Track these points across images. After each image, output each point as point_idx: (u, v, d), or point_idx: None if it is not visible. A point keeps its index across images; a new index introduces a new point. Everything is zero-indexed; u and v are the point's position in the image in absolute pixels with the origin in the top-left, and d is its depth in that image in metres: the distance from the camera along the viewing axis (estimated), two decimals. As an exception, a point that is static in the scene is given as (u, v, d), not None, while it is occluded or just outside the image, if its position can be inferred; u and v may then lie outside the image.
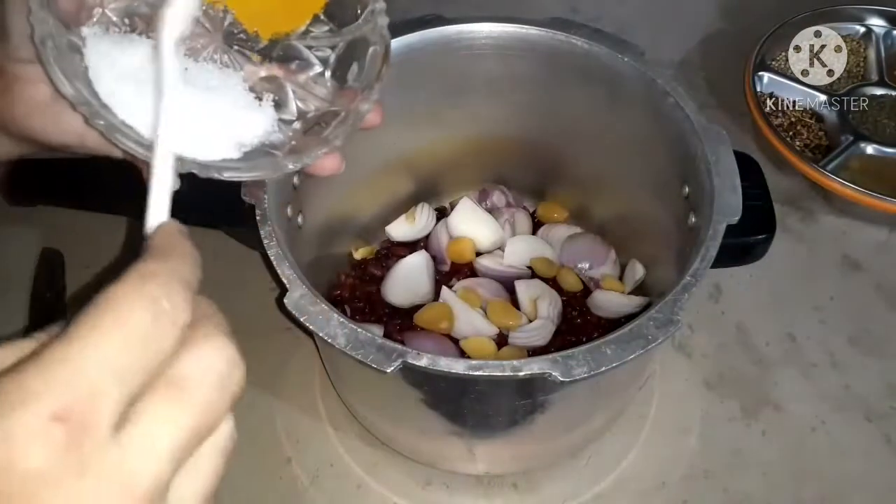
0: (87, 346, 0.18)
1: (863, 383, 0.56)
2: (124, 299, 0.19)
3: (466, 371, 0.36)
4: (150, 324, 0.19)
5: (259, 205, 0.42)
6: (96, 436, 0.18)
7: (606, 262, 0.57)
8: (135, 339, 0.19)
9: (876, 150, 0.66)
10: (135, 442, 0.18)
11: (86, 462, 0.17)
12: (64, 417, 0.17)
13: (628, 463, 0.52)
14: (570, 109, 0.54)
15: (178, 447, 0.19)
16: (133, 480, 0.18)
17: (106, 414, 0.18)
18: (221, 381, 0.20)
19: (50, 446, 0.17)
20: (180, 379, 0.20)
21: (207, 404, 0.20)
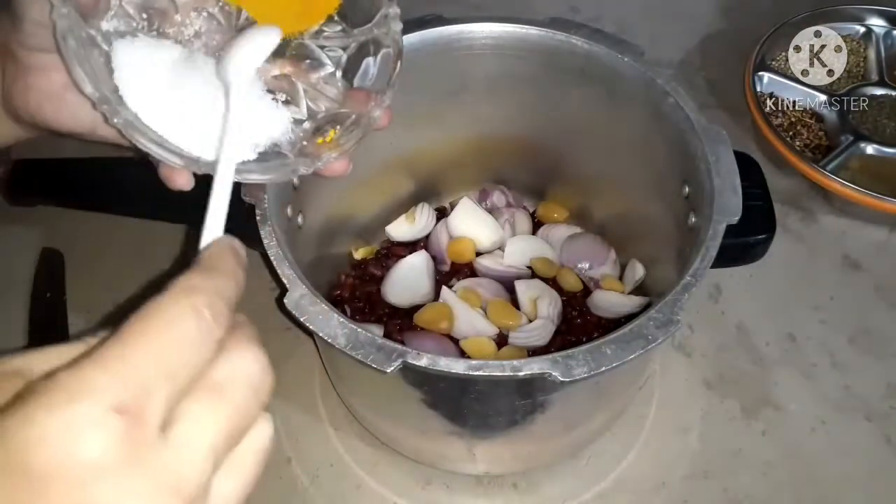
0: (140, 346, 0.19)
1: (863, 383, 0.56)
2: (174, 308, 0.21)
3: (466, 371, 0.36)
4: (195, 331, 0.20)
5: (259, 205, 0.42)
6: (148, 432, 0.19)
7: (606, 262, 0.57)
8: (181, 344, 0.20)
9: (876, 150, 0.66)
10: (179, 441, 0.19)
11: (139, 456, 0.18)
12: (123, 410, 0.18)
13: (628, 463, 0.52)
14: (570, 109, 0.54)
15: (217, 446, 0.20)
16: (179, 477, 0.19)
17: (156, 411, 0.19)
18: (254, 386, 0.22)
19: (110, 436, 0.18)
20: (218, 384, 0.21)
21: (242, 407, 0.21)
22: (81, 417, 0.18)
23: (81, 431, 0.17)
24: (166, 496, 0.19)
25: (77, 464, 0.17)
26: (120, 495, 0.18)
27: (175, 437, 0.19)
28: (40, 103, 0.36)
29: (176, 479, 0.19)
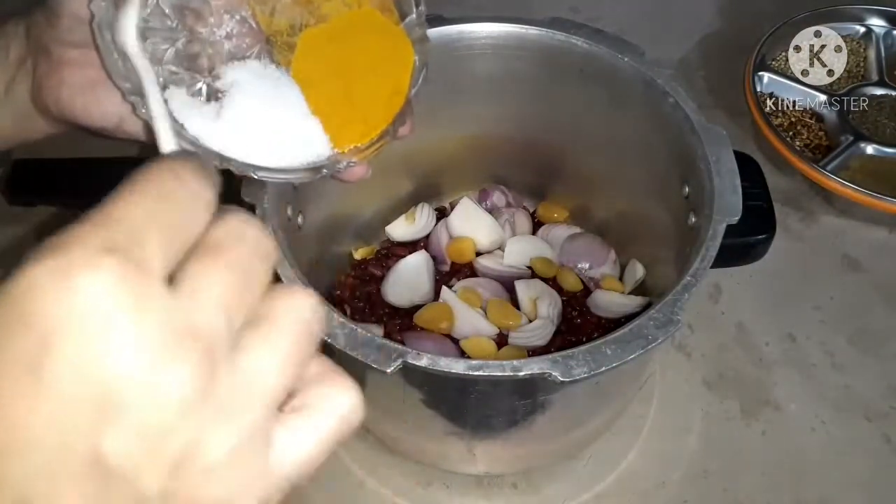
0: (123, 202, 0.19)
1: (863, 383, 0.56)
2: (150, 170, 0.20)
3: (466, 371, 0.36)
4: (179, 189, 0.19)
5: (259, 205, 0.42)
6: (148, 277, 0.18)
7: (606, 262, 0.57)
8: (165, 198, 0.19)
9: (876, 150, 0.66)
10: (185, 293, 0.18)
11: (141, 298, 0.17)
12: (113, 249, 0.17)
13: (628, 463, 0.52)
14: (570, 109, 0.54)
15: (227, 301, 0.19)
16: (192, 322, 0.18)
17: (151, 256, 0.18)
18: (254, 245, 0.20)
19: (104, 277, 0.17)
20: (216, 241, 0.20)
21: (244, 263, 0.20)
22: (71, 261, 0.17)
23: (71, 273, 0.17)
24: (175, 341, 0.17)
25: (74, 307, 0.16)
26: (125, 337, 0.17)
27: (180, 291, 0.18)
28: (72, 98, 0.37)
29: (185, 326, 0.18)
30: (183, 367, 0.17)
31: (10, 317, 0.16)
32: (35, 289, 0.17)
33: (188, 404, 0.17)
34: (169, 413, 0.17)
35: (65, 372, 0.16)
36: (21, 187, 0.63)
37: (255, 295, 0.20)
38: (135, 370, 0.17)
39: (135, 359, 0.17)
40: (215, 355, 0.18)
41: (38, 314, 0.16)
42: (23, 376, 0.16)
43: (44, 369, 0.16)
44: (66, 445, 0.16)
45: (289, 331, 0.20)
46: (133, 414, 0.17)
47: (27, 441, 0.16)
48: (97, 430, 0.17)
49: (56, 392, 0.16)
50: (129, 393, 0.17)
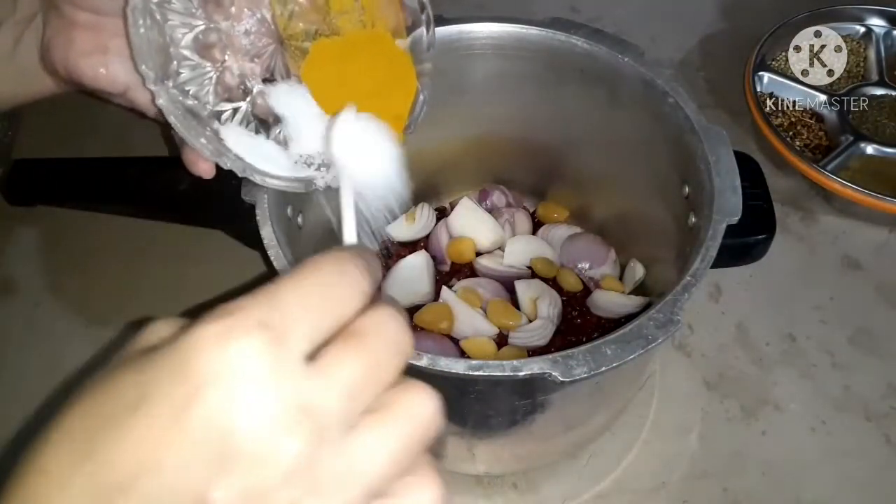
0: (286, 285, 0.22)
1: (863, 383, 0.56)
2: (321, 260, 0.23)
3: (466, 371, 0.36)
4: (337, 277, 0.23)
5: (259, 205, 0.42)
6: (290, 353, 0.20)
7: (606, 262, 0.57)
8: (323, 287, 0.22)
9: (876, 150, 0.66)
10: (319, 371, 0.21)
11: (279, 370, 0.20)
12: (267, 326, 0.20)
13: (628, 463, 0.52)
14: (570, 109, 0.54)
15: (354, 386, 0.21)
16: (313, 401, 0.20)
17: (298, 335, 0.21)
18: (393, 337, 0.23)
19: (254, 345, 0.20)
20: (359, 331, 0.22)
21: (382, 355, 0.22)
22: (232, 328, 0.20)
23: (231, 337, 0.20)
24: (292, 414, 0.20)
25: (227, 367, 0.19)
26: (258, 400, 0.20)
27: (316, 368, 0.21)
28: (81, 60, 0.38)
29: (305, 404, 0.20)
30: (294, 439, 0.20)
31: (175, 364, 0.20)
32: (199, 346, 0.20)
33: (291, 473, 0.20)
34: (272, 477, 0.19)
35: (203, 419, 0.19)
36: (21, 187, 0.63)
37: (382, 384, 0.22)
38: (254, 431, 0.19)
39: (257, 421, 0.19)
40: (326, 434, 0.20)
41: (195, 367, 0.19)
42: (172, 414, 0.19)
43: (189, 412, 0.19)
44: (186, 482, 0.19)
45: (404, 424, 0.22)
46: (243, 469, 0.19)
47: (160, 468, 0.19)
48: (212, 476, 0.19)
49: (191, 433, 0.19)
50: (245, 450, 0.19)
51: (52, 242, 0.64)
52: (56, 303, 0.60)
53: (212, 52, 0.37)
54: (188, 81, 0.37)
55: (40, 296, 0.61)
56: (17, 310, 0.60)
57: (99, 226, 0.63)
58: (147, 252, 0.63)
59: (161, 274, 0.61)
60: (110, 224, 0.63)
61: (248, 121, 0.39)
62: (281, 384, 0.20)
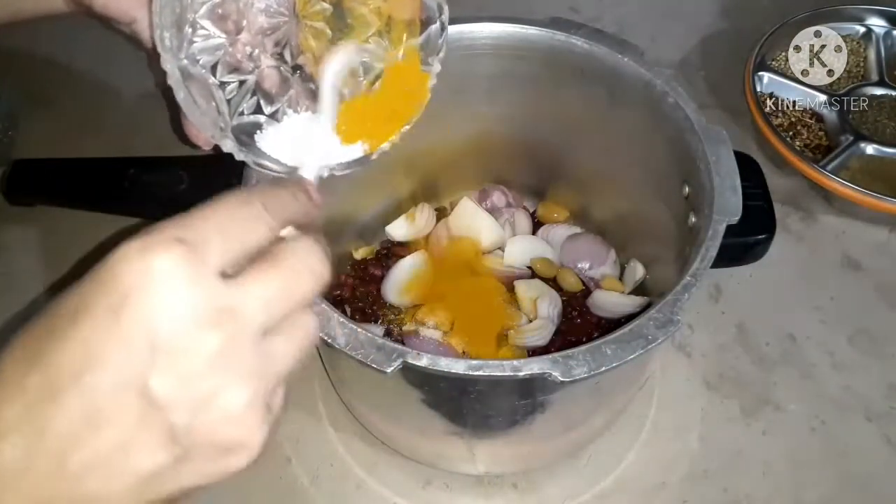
0: (197, 216, 0.24)
1: (863, 383, 0.56)
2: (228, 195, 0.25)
3: (466, 371, 0.36)
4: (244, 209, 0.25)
5: (259, 205, 0.42)
6: (206, 267, 0.23)
7: (606, 262, 0.57)
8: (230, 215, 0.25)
9: (876, 150, 0.66)
10: (236, 286, 0.24)
11: (197, 280, 0.23)
12: (182, 241, 0.23)
13: (628, 463, 0.52)
14: (570, 109, 0.54)
15: (270, 301, 0.24)
16: (233, 308, 0.23)
17: (211, 252, 0.24)
18: (308, 262, 0.26)
19: (173, 256, 0.23)
20: (274, 253, 0.25)
21: (296, 275, 0.25)
22: (151, 242, 0.23)
23: (150, 250, 0.23)
24: (212, 315, 0.23)
25: (149, 275, 0.22)
26: (179, 301, 0.23)
27: (233, 283, 0.24)
28: None
29: (229, 308, 0.23)
30: (215, 334, 0.23)
31: (105, 276, 0.23)
32: (124, 259, 0.23)
33: (216, 363, 0.23)
34: (200, 365, 0.23)
35: (134, 319, 0.22)
36: (21, 187, 0.63)
37: (294, 301, 0.25)
38: (180, 328, 0.23)
39: (179, 319, 0.23)
40: (245, 332, 0.24)
41: (122, 276, 0.23)
42: (107, 318, 0.22)
43: (121, 315, 0.22)
44: (126, 374, 0.22)
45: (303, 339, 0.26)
46: (174, 360, 0.22)
47: (103, 363, 0.22)
48: (149, 367, 0.22)
49: (126, 332, 0.22)
50: (175, 344, 0.22)
51: (52, 242, 0.64)
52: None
53: (226, 23, 0.37)
54: (199, 52, 0.37)
55: (40, 296, 0.61)
56: (17, 310, 0.60)
57: (99, 226, 0.63)
58: (147, 252, 0.63)
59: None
60: (110, 224, 0.63)
61: (252, 92, 0.39)
62: (198, 289, 0.23)
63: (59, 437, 0.22)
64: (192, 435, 0.23)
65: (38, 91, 0.74)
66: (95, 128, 0.72)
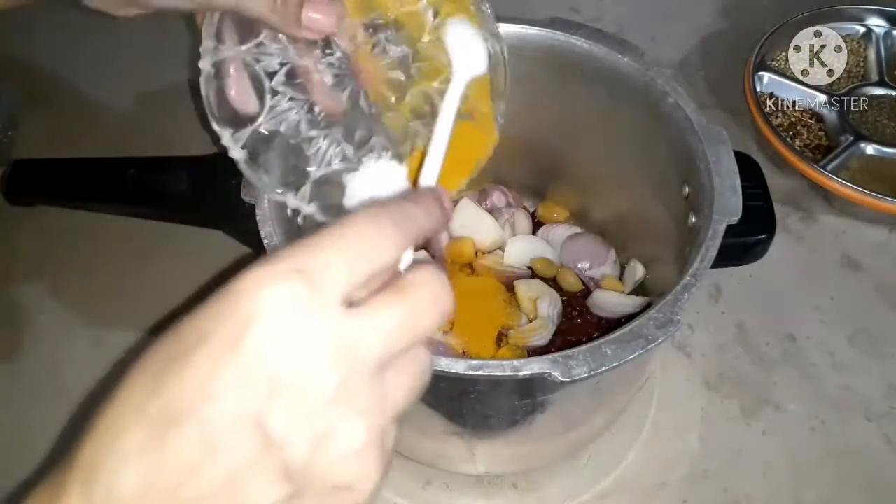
0: (323, 237, 0.24)
1: (863, 383, 0.56)
2: (357, 216, 0.24)
3: (466, 371, 0.36)
4: (371, 230, 0.24)
5: (259, 205, 0.42)
6: (326, 296, 0.23)
7: (606, 262, 0.57)
8: (359, 238, 0.24)
9: (876, 150, 0.66)
10: (357, 317, 0.23)
11: (315, 312, 0.22)
12: (303, 272, 0.22)
13: (628, 463, 0.52)
14: (570, 109, 0.54)
15: (391, 336, 0.23)
16: (348, 343, 0.23)
17: (334, 283, 0.23)
18: (434, 295, 0.25)
19: (291, 288, 0.22)
20: (400, 285, 0.24)
21: (421, 309, 0.24)
22: (271, 272, 0.22)
23: (270, 280, 0.22)
24: (332, 351, 0.22)
25: (269, 307, 0.22)
26: (298, 335, 0.22)
27: (353, 313, 0.23)
28: None
29: (344, 343, 0.22)
30: (335, 369, 0.22)
31: (225, 306, 0.22)
32: (243, 289, 0.22)
33: (335, 400, 0.22)
34: (318, 402, 0.22)
35: (252, 352, 0.22)
36: (21, 187, 0.63)
37: (418, 335, 0.24)
38: (299, 363, 0.22)
39: (300, 354, 0.22)
40: (362, 370, 0.23)
41: (241, 308, 0.22)
42: (225, 349, 0.22)
43: (239, 347, 0.22)
44: (244, 408, 0.21)
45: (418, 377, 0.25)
46: (293, 395, 0.22)
47: (220, 396, 0.21)
48: (266, 401, 0.22)
49: (244, 365, 0.22)
50: (293, 379, 0.22)
51: (52, 242, 0.64)
52: (56, 303, 0.60)
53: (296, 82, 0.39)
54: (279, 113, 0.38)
55: (40, 296, 0.61)
56: (17, 310, 0.60)
57: (99, 226, 0.63)
58: (147, 252, 0.63)
59: (161, 274, 0.61)
60: (110, 224, 0.63)
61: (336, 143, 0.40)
62: (318, 322, 0.22)
63: (176, 469, 0.21)
64: (307, 474, 0.22)
65: (38, 91, 0.74)
66: (95, 128, 0.72)
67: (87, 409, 0.48)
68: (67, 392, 0.55)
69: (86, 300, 0.60)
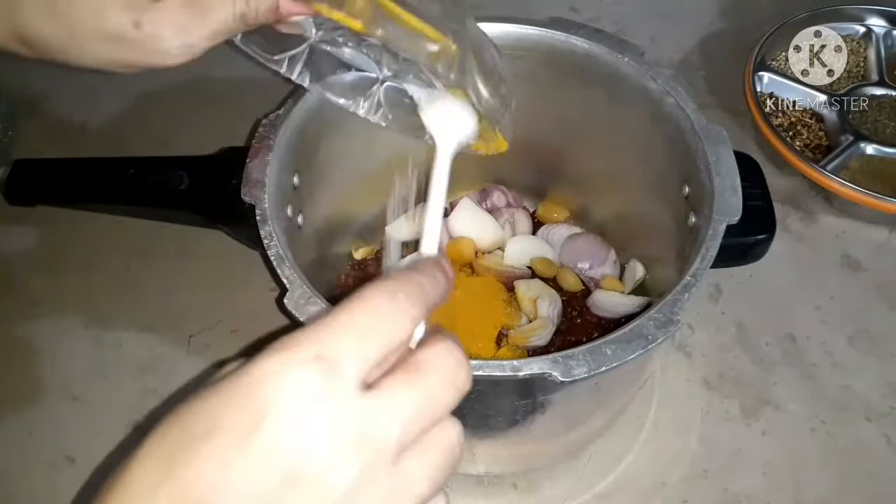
0: (338, 318, 0.23)
1: (863, 383, 0.56)
2: (370, 290, 0.24)
3: (466, 371, 0.36)
4: (386, 306, 0.24)
5: (259, 205, 0.42)
6: (344, 381, 0.22)
7: (606, 262, 0.57)
8: (372, 315, 0.24)
9: (876, 150, 0.66)
10: (372, 401, 0.23)
11: (334, 398, 0.22)
12: (320, 358, 0.22)
13: (628, 463, 0.52)
14: (570, 109, 0.54)
15: (407, 418, 0.23)
16: (366, 429, 0.22)
17: (350, 365, 0.22)
18: (450, 375, 0.24)
19: (310, 375, 0.22)
20: (416, 364, 0.24)
21: (436, 389, 0.24)
22: (288, 361, 0.22)
23: (287, 368, 0.22)
24: (350, 439, 0.22)
25: (285, 396, 0.22)
26: (316, 426, 0.22)
27: (370, 397, 0.23)
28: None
29: (362, 430, 0.22)
30: (352, 460, 0.22)
31: (241, 394, 0.22)
32: (259, 378, 0.22)
33: (353, 491, 0.22)
34: (334, 494, 0.22)
35: (268, 443, 0.21)
36: (21, 187, 0.63)
37: (435, 415, 0.24)
38: (316, 454, 0.22)
39: (316, 445, 0.22)
40: (381, 457, 0.22)
41: (257, 398, 0.22)
42: (240, 439, 0.21)
43: (254, 437, 0.21)
44: (259, 498, 0.21)
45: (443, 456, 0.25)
46: (308, 490, 0.21)
47: (234, 488, 0.21)
48: (283, 493, 0.21)
49: (259, 456, 0.21)
50: (310, 471, 0.21)
51: (52, 242, 0.64)
52: (56, 303, 0.60)
53: None
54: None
55: (40, 296, 0.61)
56: (17, 310, 0.60)
57: (99, 226, 0.63)
58: (147, 252, 0.63)
59: (161, 274, 0.61)
60: (110, 224, 0.63)
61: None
62: (337, 411, 0.22)
63: None
64: None
65: (38, 91, 0.74)
66: (95, 128, 0.72)
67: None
68: (67, 391, 0.55)
69: (86, 300, 0.60)
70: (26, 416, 0.54)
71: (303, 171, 0.48)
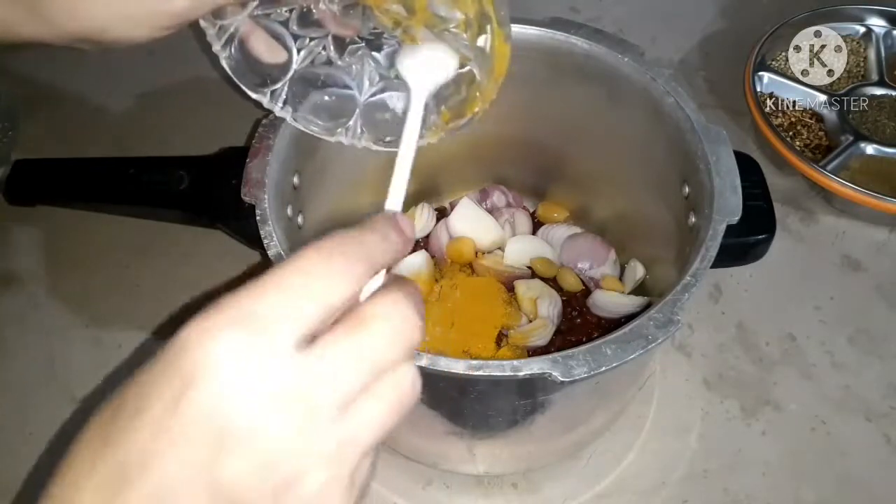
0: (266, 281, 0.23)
1: (863, 383, 0.56)
2: (302, 252, 0.24)
3: (466, 371, 0.36)
4: (320, 267, 0.23)
5: (259, 205, 0.42)
6: (275, 342, 0.22)
7: (606, 262, 0.57)
8: (305, 275, 0.23)
9: (876, 150, 0.66)
10: (309, 358, 0.22)
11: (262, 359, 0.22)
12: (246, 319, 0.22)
13: (628, 463, 0.52)
14: (570, 109, 0.54)
15: (347, 372, 0.23)
16: (301, 388, 0.22)
17: (282, 326, 0.22)
18: (395, 323, 0.24)
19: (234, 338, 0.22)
20: (356, 317, 0.24)
21: (379, 340, 0.23)
22: (212, 325, 0.22)
23: (211, 334, 0.22)
24: (281, 397, 0.22)
25: (210, 361, 0.21)
26: (245, 385, 0.21)
27: (306, 354, 0.22)
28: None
29: (296, 387, 0.22)
30: (286, 418, 0.22)
31: (167, 363, 0.22)
32: (185, 345, 0.22)
33: (289, 449, 0.22)
34: (272, 454, 0.22)
35: (195, 409, 0.21)
36: (21, 187, 0.63)
37: (379, 368, 0.24)
38: (244, 414, 0.21)
39: (246, 404, 0.21)
40: (319, 413, 0.22)
41: (182, 364, 0.22)
42: (169, 408, 0.21)
43: (181, 405, 0.21)
44: (190, 468, 0.21)
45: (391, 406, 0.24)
46: (243, 450, 0.21)
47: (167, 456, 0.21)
48: (215, 458, 0.21)
49: (188, 423, 0.21)
50: (238, 431, 0.21)
51: (52, 242, 0.64)
52: (56, 303, 0.60)
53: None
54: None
55: (40, 296, 0.61)
56: (16, 310, 0.60)
57: (99, 226, 0.63)
58: (147, 252, 0.63)
59: (161, 274, 0.61)
60: (110, 224, 0.63)
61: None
62: (266, 370, 0.22)
63: None
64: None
65: (39, 91, 0.74)
66: (95, 128, 0.72)
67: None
68: (67, 391, 0.55)
69: (85, 300, 0.60)
70: (26, 416, 0.54)
71: (303, 171, 0.48)
